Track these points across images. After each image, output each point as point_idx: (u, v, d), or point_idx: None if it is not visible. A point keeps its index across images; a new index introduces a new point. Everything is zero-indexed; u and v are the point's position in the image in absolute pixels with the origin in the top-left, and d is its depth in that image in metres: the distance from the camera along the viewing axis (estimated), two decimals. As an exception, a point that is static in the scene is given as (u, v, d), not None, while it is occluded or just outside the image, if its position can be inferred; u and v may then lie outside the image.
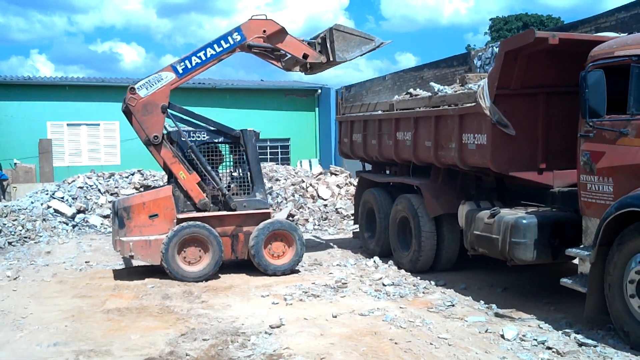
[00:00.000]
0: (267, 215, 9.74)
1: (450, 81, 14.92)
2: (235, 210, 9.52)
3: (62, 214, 15.16)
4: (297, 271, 9.71)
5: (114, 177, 16.74)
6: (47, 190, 16.04)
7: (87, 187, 16.50)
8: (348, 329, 6.68)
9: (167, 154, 9.29)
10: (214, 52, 9.44)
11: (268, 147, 25.29)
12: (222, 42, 9.41)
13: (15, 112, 21.29)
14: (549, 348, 5.90)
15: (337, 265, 10.15)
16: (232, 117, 23.93)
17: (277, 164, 20.71)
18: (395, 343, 6.15)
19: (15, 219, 13.70)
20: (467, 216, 8.11)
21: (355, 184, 17.12)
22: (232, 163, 10.07)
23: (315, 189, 16.67)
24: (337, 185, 17.05)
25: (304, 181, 17.13)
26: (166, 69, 9.30)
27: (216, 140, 9.73)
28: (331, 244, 12.39)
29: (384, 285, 8.62)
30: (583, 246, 6.51)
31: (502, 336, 6.25)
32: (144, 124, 9.04)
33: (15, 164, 20.86)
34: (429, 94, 9.56)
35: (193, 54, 9.38)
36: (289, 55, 10.27)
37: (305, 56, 10.06)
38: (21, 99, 21.54)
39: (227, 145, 9.89)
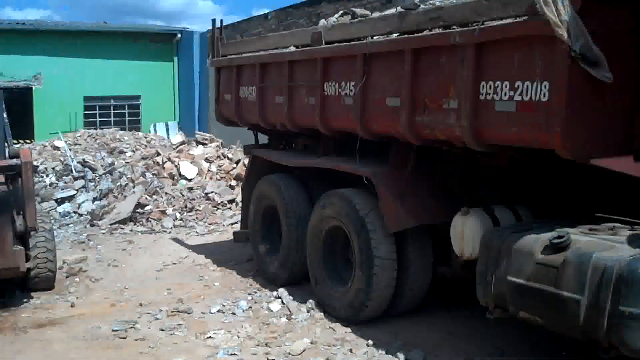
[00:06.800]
0: None
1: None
2: None
3: None
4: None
5: None
6: None
7: None
8: None
9: None
10: None
11: (112, 108, 19.91)
12: None
13: None
14: None
15: (219, 311, 5.88)
16: (61, 68, 18.40)
17: (122, 129, 15.84)
18: None
19: None
20: (487, 242, 4.20)
21: (231, 156, 12.87)
22: None
23: (176, 165, 12.08)
24: (206, 159, 12.55)
25: (159, 154, 12.50)
26: None
27: None
28: (203, 256, 8.03)
29: (315, 369, 4.54)
30: None
31: None
32: None
33: None
34: (396, 10, 5.41)
35: None
36: None
37: None
38: None
39: None
